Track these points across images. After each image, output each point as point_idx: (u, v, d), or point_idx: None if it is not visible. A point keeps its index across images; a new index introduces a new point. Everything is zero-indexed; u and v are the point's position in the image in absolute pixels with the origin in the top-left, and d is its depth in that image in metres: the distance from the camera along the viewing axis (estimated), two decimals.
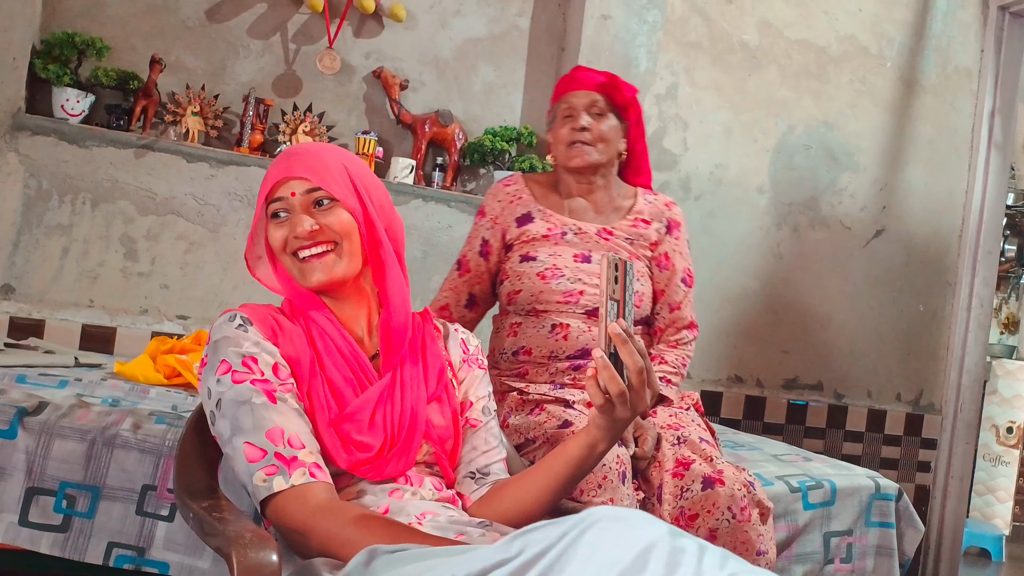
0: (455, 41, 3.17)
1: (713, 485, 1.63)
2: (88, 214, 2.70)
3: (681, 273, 1.97)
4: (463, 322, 1.96)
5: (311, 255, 1.23)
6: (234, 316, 1.23)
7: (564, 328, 1.84)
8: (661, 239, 1.97)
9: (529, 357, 1.88)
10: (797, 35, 3.41)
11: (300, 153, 1.26)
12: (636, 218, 1.96)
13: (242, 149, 2.84)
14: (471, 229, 2.00)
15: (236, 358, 1.18)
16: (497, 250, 1.95)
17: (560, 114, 1.94)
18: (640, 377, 1.12)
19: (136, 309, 2.75)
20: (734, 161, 3.34)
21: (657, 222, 1.97)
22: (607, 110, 1.92)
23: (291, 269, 1.26)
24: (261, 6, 2.95)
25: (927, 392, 3.67)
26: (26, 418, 1.65)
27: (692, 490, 1.65)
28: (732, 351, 3.36)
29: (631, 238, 1.94)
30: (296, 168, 1.23)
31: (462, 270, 1.98)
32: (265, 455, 1.13)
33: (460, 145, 3.09)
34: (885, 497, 2.18)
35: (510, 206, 1.95)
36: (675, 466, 1.69)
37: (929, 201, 3.63)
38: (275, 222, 1.25)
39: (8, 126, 2.61)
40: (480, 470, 1.34)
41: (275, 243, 1.25)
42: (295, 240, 1.23)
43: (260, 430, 1.14)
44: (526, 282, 1.87)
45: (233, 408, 1.16)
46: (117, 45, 2.79)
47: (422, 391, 1.28)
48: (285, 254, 1.25)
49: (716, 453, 1.72)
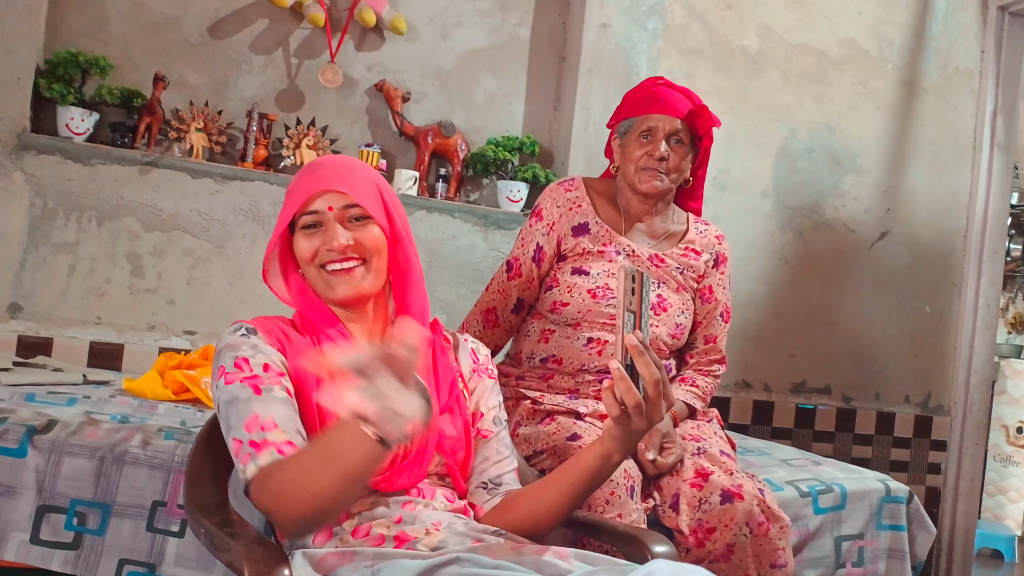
0: (456, 52, 3.18)
1: (732, 499, 1.63)
2: (94, 232, 2.71)
3: (721, 308, 1.99)
4: (507, 326, 1.94)
5: (340, 269, 1.25)
6: (240, 326, 1.25)
7: (599, 344, 1.84)
8: (708, 272, 1.97)
9: (558, 366, 1.87)
10: (797, 39, 3.42)
11: (335, 167, 1.27)
12: (688, 247, 1.96)
13: (246, 164, 2.85)
14: (523, 231, 1.95)
15: (230, 361, 1.20)
16: (550, 257, 1.91)
17: (637, 131, 1.89)
18: (656, 389, 1.12)
19: (143, 325, 2.76)
20: (737, 166, 3.34)
21: (707, 254, 1.97)
22: (687, 141, 1.89)
23: (315, 281, 1.27)
24: (263, 22, 2.96)
25: (936, 394, 3.66)
26: (36, 436, 1.65)
27: (710, 502, 1.64)
28: (739, 356, 3.35)
29: (681, 268, 1.93)
30: (334, 182, 1.24)
31: (512, 273, 1.93)
32: (242, 445, 1.14)
33: (463, 156, 3.09)
34: (896, 500, 2.17)
35: (568, 213, 1.91)
36: (694, 476, 1.69)
37: (933, 202, 3.62)
38: (306, 233, 1.25)
39: (13, 146, 2.63)
40: (492, 480, 1.34)
41: (303, 254, 1.25)
42: (328, 252, 1.24)
43: (241, 423, 1.15)
44: (575, 296, 1.85)
45: (225, 409, 1.18)
46: (120, 63, 2.80)
47: (434, 403, 1.28)
48: (312, 265, 1.26)
49: (735, 467, 1.72)
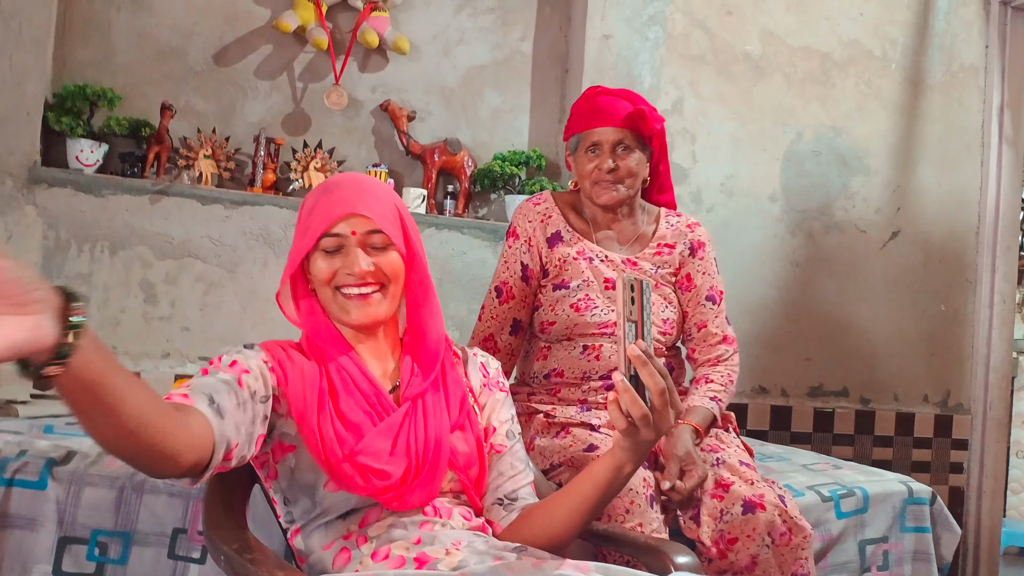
0: (459, 70, 3.19)
1: (754, 510, 1.61)
2: (107, 262, 2.73)
3: (705, 291, 1.93)
4: (509, 349, 1.93)
5: (357, 294, 1.24)
6: (251, 344, 1.25)
7: (596, 349, 1.84)
8: (684, 261, 1.95)
9: (562, 379, 1.87)
10: (800, 42, 3.41)
11: (357, 189, 1.26)
12: (660, 244, 1.94)
13: (255, 189, 2.87)
14: (504, 253, 1.95)
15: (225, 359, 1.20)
16: (537, 273, 1.91)
17: (583, 146, 1.89)
18: (662, 398, 1.11)
19: (158, 353, 2.77)
20: (744, 171, 3.34)
21: (681, 244, 1.95)
22: (634, 145, 1.87)
23: (330, 303, 1.27)
24: (267, 47, 2.99)
25: (955, 392, 3.63)
26: (55, 468, 1.66)
27: (732, 513, 1.62)
28: (755, 361, 3.34)
29: (656, 266, 1.92)
30: (359, 206, 1.23)
31: (503, 297, 1.91)
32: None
33: (470, 172, 3.10)
34: (919, 501, 2.15)
35: (541, 225, 1.92)
36: (715, 487, 1.67)
37: (943, 200, 3.61)
38: (325, 255, 1.25)
39: (25, 179, 2.65)
40: (508, 496, 1.34)
41: (321, 275, 1.25)
42: (347, 276, 1.24)
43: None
44: (560, 313, 1.86)
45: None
46: (128, 94, 2.83)
47: (445, 419, 1.28)
48: (328, 287, 1.26)
49: (756, 476, 1.70)
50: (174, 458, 0.99)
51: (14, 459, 1.67)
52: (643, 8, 3.20)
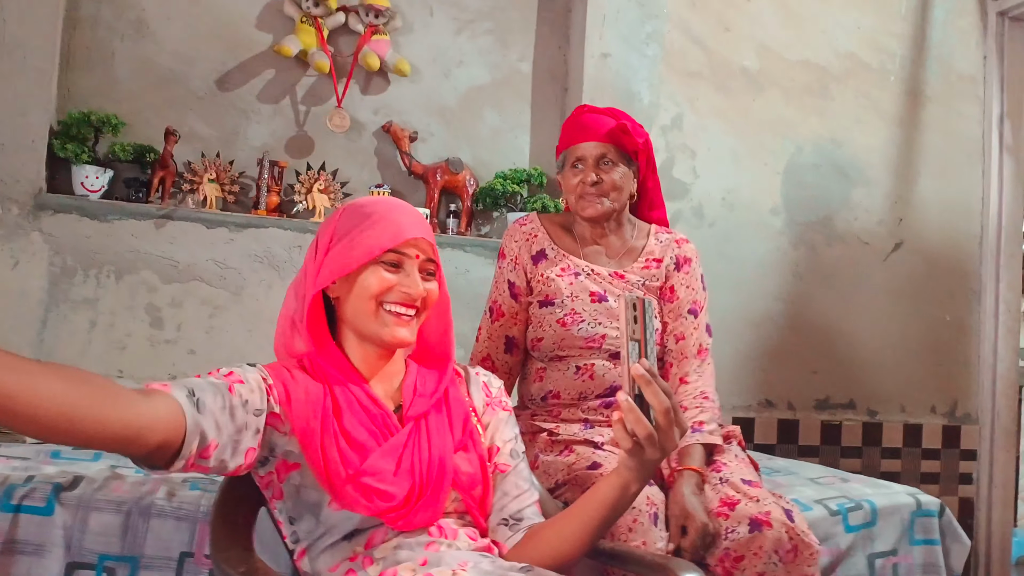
0: (459, 90, 3.22)
1: (760, 527, 1.59)
2: (112, 287, 2.75)
3: (688, 304, 1.93)
4: (506, 368, 1.94)
5: (402, 313, 1.27)
6: (255, 364, 1.27)
7: (588, 368, 1.85)
8: (669, 274, 1.95)
9: (559, 400, 1.88)
10: (797, 56, 3.43)
11: (422, 218, 1.32)
12: (648, 259, 1.96)
13: (259, 212, 2.89)
14: (495, 274, 2.00)
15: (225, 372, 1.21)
16: (524, 291, 1.94)
17: (569, 162, 1.94)
18: (667, 417, 1.11)
19: (164, 376, 2.78)
20: (745, 185, 3.35)
21: (667, 259, 1.96)
22: (618, 159, 1.90)
23: (366, 315, 1.27)
24: (269, 72, 3.02)
25: (962, 402, 3.62)
26: (62, 494, 1.67)
27: (738, 532, 1.61)
28: (760, 375, 3.34)
29: (643, 280, 1.93)
30: (426, 233, 1.30)
31: (495, 316, 1.95)
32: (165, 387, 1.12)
33: (472, 191, 3.12)
34: (927, 514, 2.15)
35: (526, 244, 1.96)
36: (719, 505, 1.66)
37: (945, 210, 3.61)
38: (385, 268, 1.27)
39: (31, 207, 2.67)
40: (513, 516, 1.34)
41: (377, 286, 1.26)
42: (402, 294, 1.26)
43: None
44: (547, 329, 1.87)
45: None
46: (132, 120, 2.86)
47: (448, 440, 1.29)
48: (374, 300, 1.27)
49: (762, 493, 1.69)
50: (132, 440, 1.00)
51: (21, 485, 1.68)
52: (640, 26, 3.23)
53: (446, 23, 3.21)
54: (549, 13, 3.33)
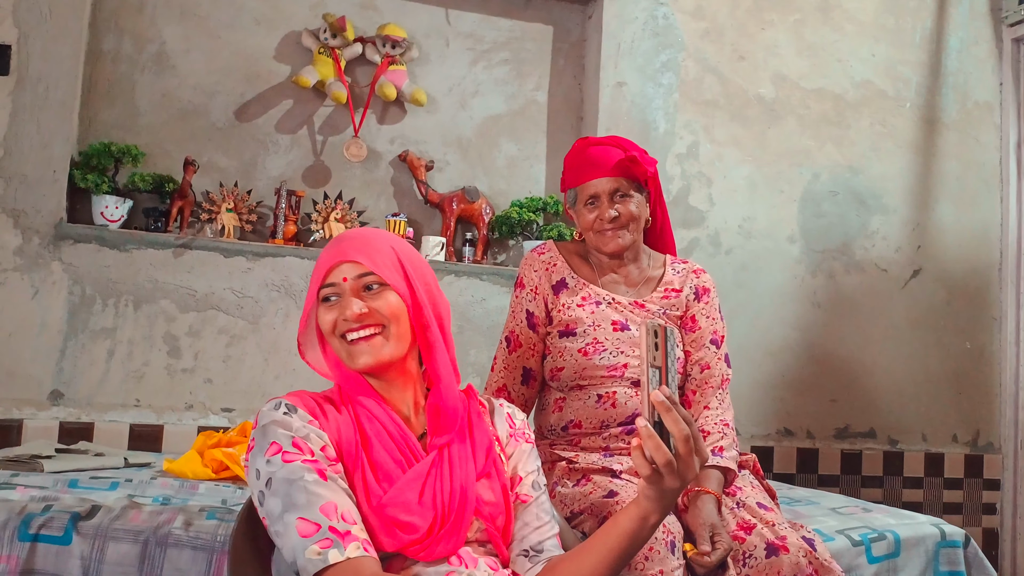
0: (476, 120, 3.24)
1: (777, 552, 1.59)
2: (131, 316, 2.76)
3: (709, 335, 1.94)
4: (522, 400, 1.92)
5: (359, 337, 1.26)
6: (279, 403, 1.24)
7: (611, 397, 1.83)
8: (690, 305, 1.96)
9: (580, 430, 1.86)
10: (813, 85, 3.44)
11: (351, 238, 1.30)
12: (666, 289, 1.96)
13: (277, 241, 2.90)
14: (512, 303, 1.97)
15: (286, 440, 1.19)
16: (543, 320, 1.92)
17: (582, 199, 1.91)
18: (687, 445, 1.10)
19: (182, 405, 2.79)
20: (761, 213, 3.34)
21: (687, 289, 1.96)
22: (630, 189, 1.90)
23: (339, 352, 1.28)
24: (287, 102, 3.05)
25: (984, 431, 3.57)
26: (80, 523, 1.67)
27: (755, 556, 1.60)
28: (779, 404, 3.31)
29: (663, 309, 1.93)
30: (348, 252, 1.27)
31: (512, 346, 1.93)
32: (319, 529, 1.13)
33: (488, 219, 3.13)
34: (952, 544, 2.11)
35: (546, 274, 1.94)
36: (736, 529, 1.66)
37: (964, 237, 3.59)
38: (325, 306, 1.28)
39: (51, 236, 2.70)
40: (533, 547, 1.32)
41: (325, 326, 1.28)
42: (344, 322, 1.26)
43: (313, 506, 1.14)
44: (568, 359, 1.86)
45: (285, 486, 1.16)
46: (151, 151, 2.89)
47: (471, 468, 1.28)
48: (334, 336, 1.27)
49: (777, 518, 1.67)
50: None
51: (39, 515, 1.68)
52: (656, 56, 3.25)
53: (462, 54, 3.24)
54: (564, 43, 3.35)
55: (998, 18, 3.69)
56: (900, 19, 3.58)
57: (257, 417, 1.25)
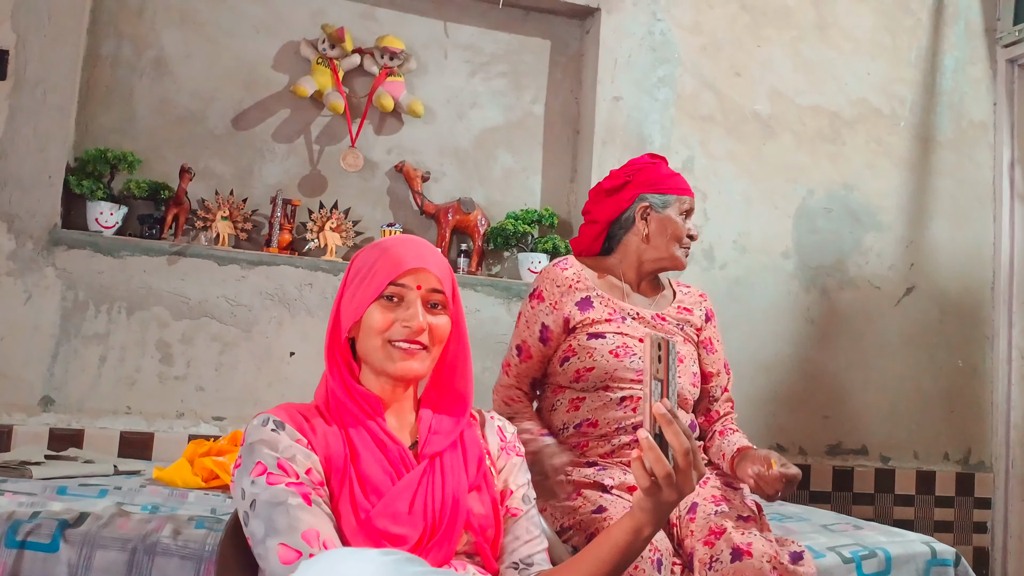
0: (473, 131, 3.25)
1: (741, 557, 1.61)
2: (124, 322, 2.76)
3: (723, 358, 2.06)
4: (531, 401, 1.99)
5: (407, 348, 1.26)
6: (267, 419, 1.23)
7: (634, 400, 1.85)
8: (703, 326, 2.05)
9: (595, 429, 1.87)
10: (809, 101, 3.46)
11: (426, 247, 1.31)
12: (679, 307, 2.03)
13: (271, 249, 2.90)
14: (526, 313, 1.97)
15: (271, 460, 1.18)
16: (557, 335, 1.93)
17: (679, 209, 1.99)
18: (686, 459, 1.10)
19: (173, 413, 2.78)
20: (756, 228, 3.35)
21: (697, 310, 2.06)
22: None
23: (375, 351, 1.27)
24: (284, 111, 3.05)
25: (976, 450, 3.57)
26: (68, 530, 1.66)
27: (721, 560, 1.63)
28: (771, 419, 3.31)
29: (680, 324, 2.00)
30: (430, 264, 1.27)
31: (523, 356, 1.95)
32: (300, 556, 1.12)
33: (483, 231, 3.13)
34: (943, 563, 2.10)
35: (570, 291, 1.94)
36: (707, 534, 1.68)
37: (957, 255, 3.60)
38: (385, 304, 1.26)
39: (45, 242, 2.69)
40: (523, 560, 1.32)
41: (378, 323, 1.26)
42: (403, 329, 1.25)
43: (295, 531, 1.13)
44: (599, 359, 1.86)
45: (268, 509, 1.15)
46: (148, 158, 2.89)
47: (463, 480, 1.28)
48: (380, 336, 1.26)
49: (753, 528, 1.69)
50: None
51: (27, 521, 1.67)
52: (652, 70, 3.26)
53: (460, 65, 3.25)
54: (562, 57, 3.37)
55: (993, 38, 3.72)
56: (896, 38, 3.60)
57: (245, 432, 1.23)
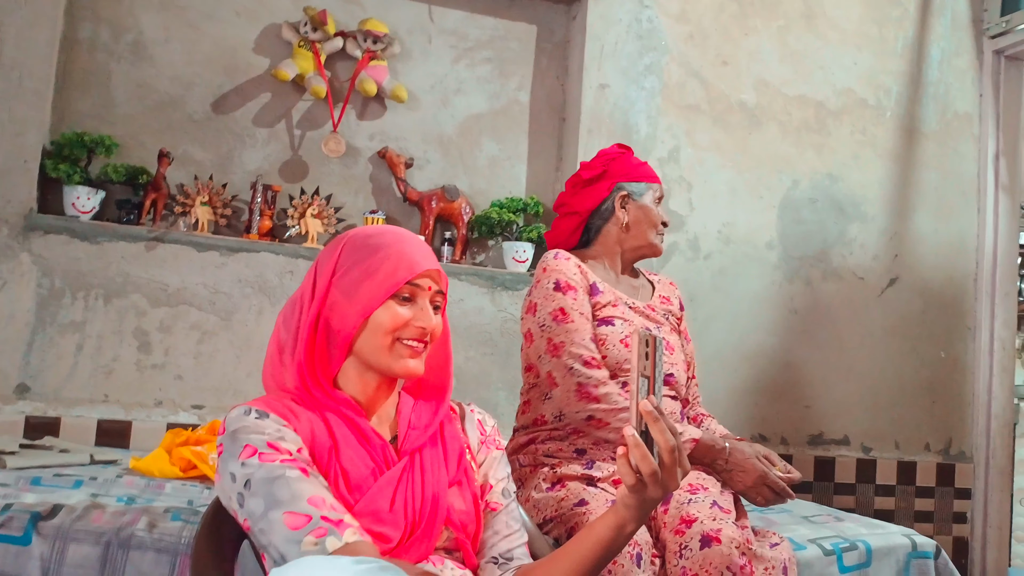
0: (457, 118, 3.21)
1: (710, 544, 1.61)
2: (101, 310, 2.72)
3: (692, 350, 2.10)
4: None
5: (414, 347, 1.25)
6: (248, 410, 1.20)
7: None
8: (681, 315, 2.08)
9: None
10: (795, 91, 3.44)
11: (431, 250, 1.31)
12: (660, 296, 2.06)
13: (251, 236, 2.86)
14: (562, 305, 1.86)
15: (261, 442, 1.16)
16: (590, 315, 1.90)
17: (655, 197, 2.03)
18: (672, 456, 1.10)
19: (151, 402, 2.74)
20: (741, 219, 3.34)
21: (673, 299, 2.09)
22: None
23: (379, 348, 1.24)
24: (265, 96, 3.01)
25: (956, 440, 3.59)
26: (40, 523, 1.63)
27: (690, 548, 1.63)
28: (754, 409, 3.31)
29: (665, 313, 2.02)
30: (435, 263, 1.29)
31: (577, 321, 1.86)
32: (310, 520, 1.09)
33: (467, 219, 3.10)
34: (923, 555, 2.11)
35: (583, 276, 1.92)
36: (678, 523, 1.69)
37: (941, 247, 3.61)
38: (399, 302, 1.25)
39: (21, 227, 2.65)
40: (503, 555, 1.31)
41: (393, 321, 1.24)
42: (416, 328, 1.25)
43: (300, 499, 1.11)
44: (610, 349, 1.86)
45: (266, 485, 1.12)
46: (126, 142, 2.84)
47: (443, 475, 1.26)
48: (389, 334, 1.24)
49: (724, 516, 1.69)
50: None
51: None
52: (639, 59, 3.23)
53: (445, 51, 3.21)
54: (548, 44, 3.33)
55: (979, 30, 3.71)
56: (883, 28, 3.59)
57: (226, 421, 1.20)
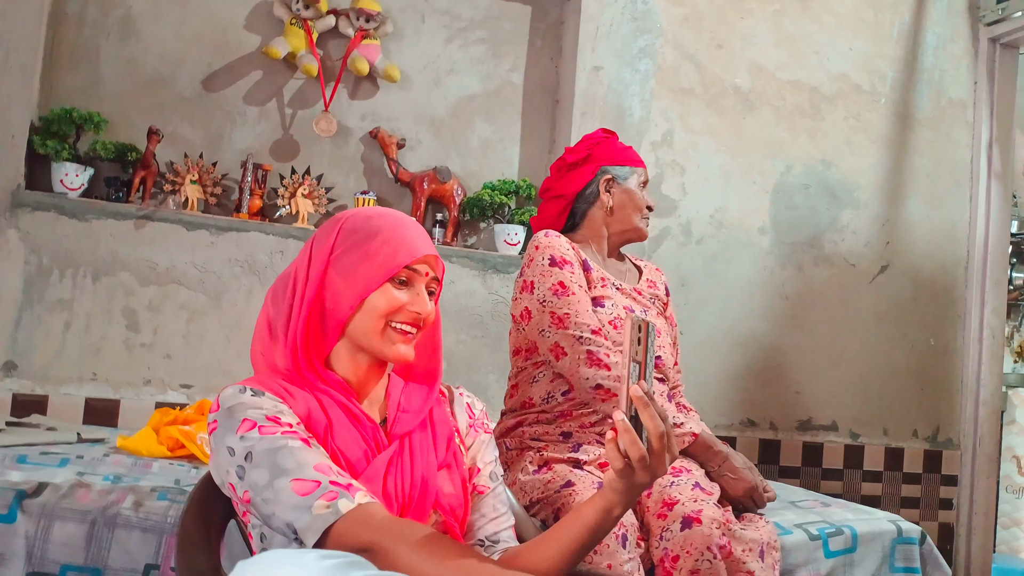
0: (450, 99, 3.19)
1: (691, 525, 1.63)
2: (89, 288, 2.70)
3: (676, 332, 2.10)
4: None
5: (406, 332, 1.25)
6: (243, 388, 1.19)
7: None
8: (667, 301, 2.09)
9: None
10: (789, 76, 3.43)
11: (427, 235, 1.30)
12: (647, 280, 2.06)
13: (241, 215, 2.85)
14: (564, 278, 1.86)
15: (259, 416, 1.15)
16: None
17: (641, 181, 2.03)
18: (661, 442, 1.10)
19: (139, 381, 2.73)
20: (734, 203, 3.33)
21: (659, 284, 2.09)
22: None
23: (372, 332, 1.24)
24: (256, 74, 2.98)
25: (944, 427, 3.61)
26: (25, 501, 1.62)
27: (671, 530, 1.64)
28: (743, 394, 3.32)
29: (652, 298, 2.03)
30: (432, 249, 1.28)
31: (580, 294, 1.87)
32: (319, 485, 1.09)
33: (459, 200, 3.09)
34: (908, 541, 2.12)
35: (576, 253, 1.92)
36: (660, 507, 1.70)
37: (933, 234, 3.61)
38: (396, 286, 1.24)
39: (8, 203, 2.62)
40: (489, 538, 1.31)
41: (385, 305, 1.23)
42: (411, 313, 1.24)
43: (307, 466, 1.10)
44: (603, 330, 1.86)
45: (270, 455, 1.11)
46: (115, 119, 2.81)
47: (432, 459, 1.26)
48: (383, 317, 1.24)
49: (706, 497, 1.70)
50: None
51: None
52: (633, 41, 3.21)
53: (438, 30, 3.18)
54: (542, 24, 3.31)
55: (975, 16, 3.70)
56: (879, 13, 3.57)
57: (220, 399, 1.19)
